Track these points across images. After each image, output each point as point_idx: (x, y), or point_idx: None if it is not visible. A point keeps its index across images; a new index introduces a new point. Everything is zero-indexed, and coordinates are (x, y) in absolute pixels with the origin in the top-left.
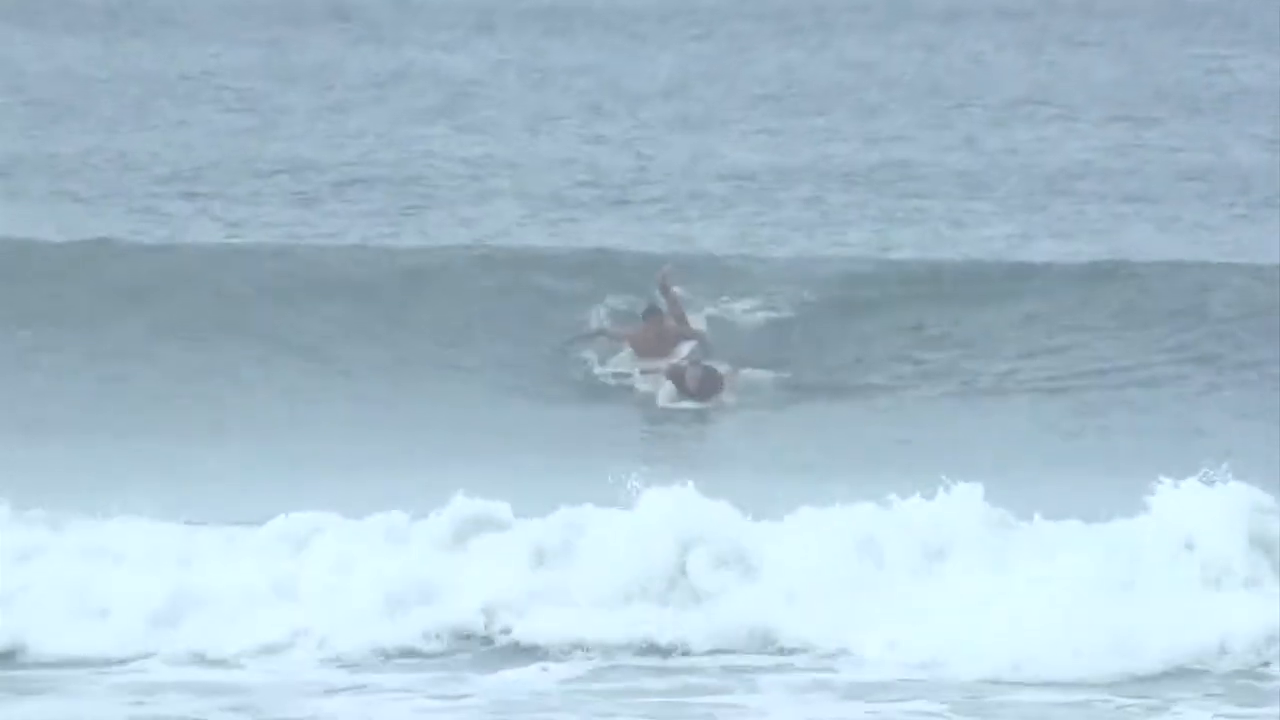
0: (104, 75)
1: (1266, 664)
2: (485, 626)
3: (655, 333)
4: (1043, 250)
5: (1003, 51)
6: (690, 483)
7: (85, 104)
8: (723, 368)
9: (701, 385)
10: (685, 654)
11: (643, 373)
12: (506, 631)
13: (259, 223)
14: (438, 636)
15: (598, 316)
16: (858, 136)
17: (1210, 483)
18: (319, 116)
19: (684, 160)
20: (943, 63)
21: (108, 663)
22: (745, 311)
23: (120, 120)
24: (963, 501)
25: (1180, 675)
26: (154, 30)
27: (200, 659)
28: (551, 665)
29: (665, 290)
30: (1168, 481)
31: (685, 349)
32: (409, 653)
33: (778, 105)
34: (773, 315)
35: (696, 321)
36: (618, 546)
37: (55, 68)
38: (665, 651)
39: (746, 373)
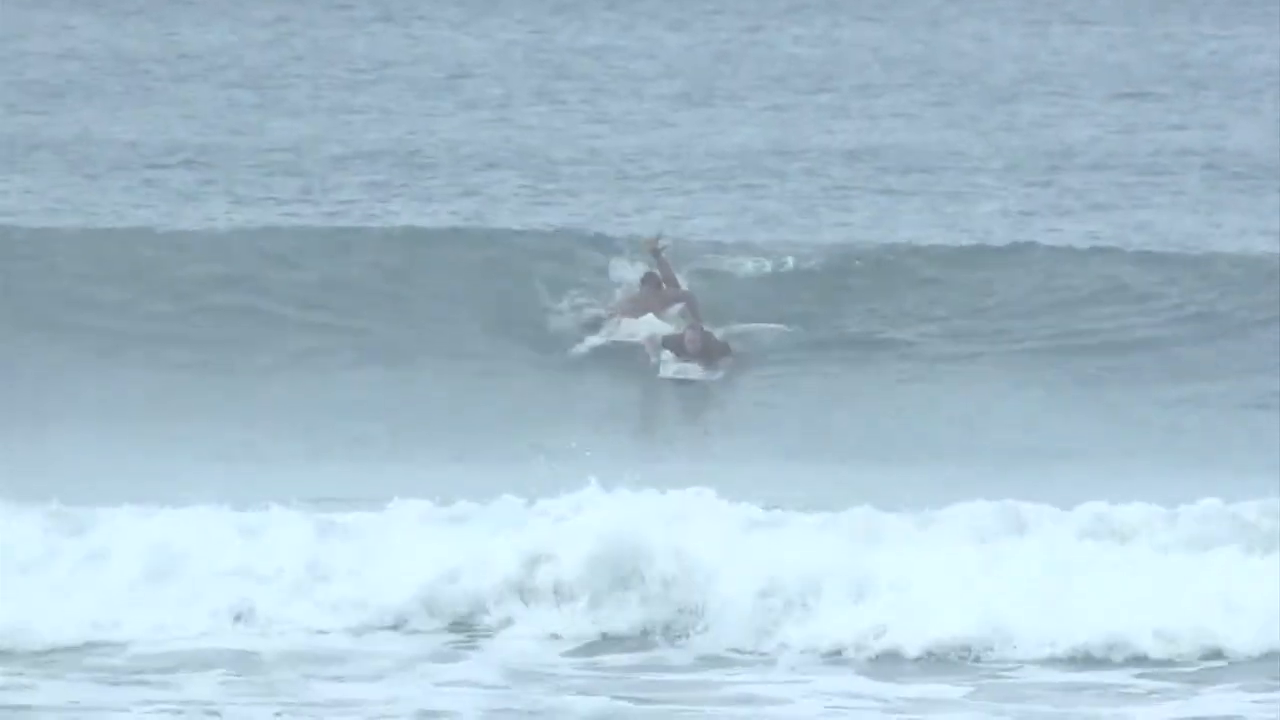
0: (105, 54)
1: None
2: (498, 611)
3: (648, 294)
4: (1046, 228)
5: (1007, 29)
6: (702, 468)
7: (88, 83)
8: (719, 332)
9: (703, 347)
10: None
11: (631, 333)
12: (516, 616)
13: (260, 203)
14: (454, 620)
15: (599, 305)
16: (861, 115)
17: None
18: (322, 96)
19: (687, 138)
20: (946, 42)
21: (125, 644)
22: (750, 266)
23: (123, 100)
24: (973, 485)
25: (1208, 657)
26: (159, 10)
27: (216, 642)
28: (566, 642)
29: (655, 253)
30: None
31: (674, 310)
32: (425, 633)
33: (781, 84)
34: (777, 270)
35: (682, 283)
36: (622, 530)
37: (58, 46)
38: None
39: (743, 329)
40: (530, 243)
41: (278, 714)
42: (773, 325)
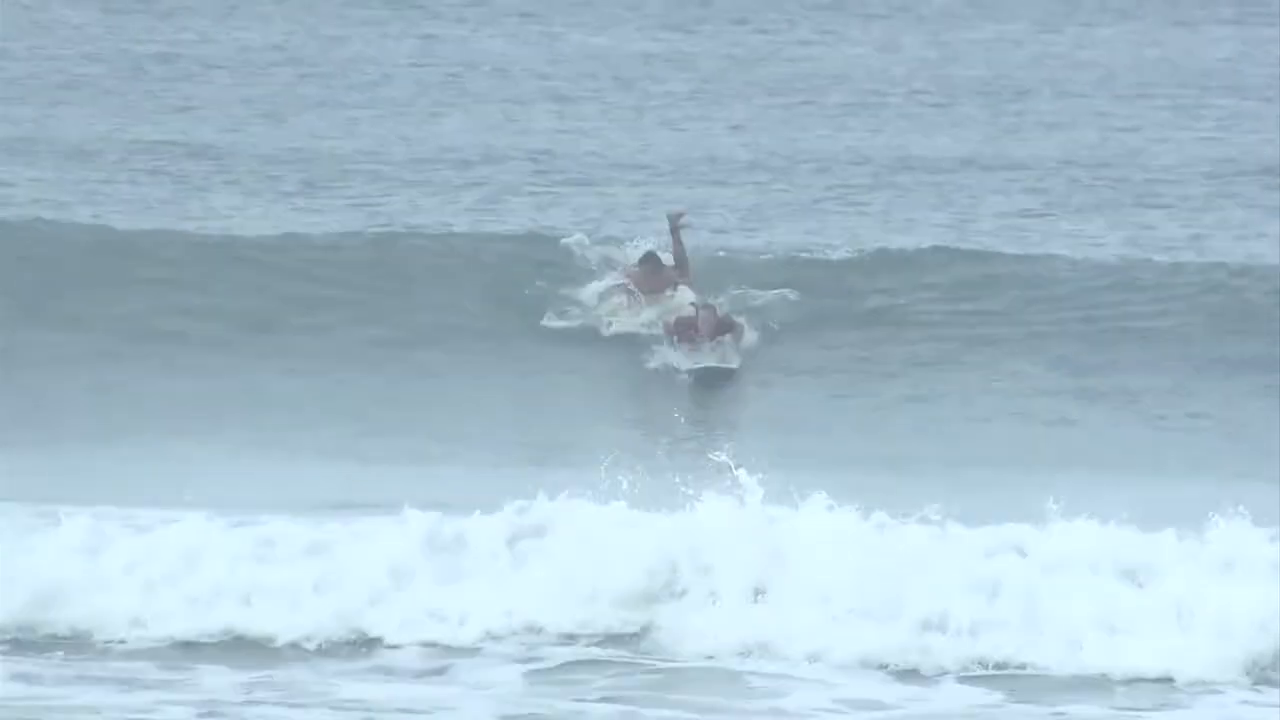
0: (111, 53)
1: None
2: (519, 615)
3: (648, 274)
4: (1060, 233)
5: (1022, 33)
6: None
7: (95, 83)
8: (721, 299)
9: (715, 327)
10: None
11: (635, 313)
12: (537, 620)
13: (263, 207)
14: (473, 623)
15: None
16: (873, 122)
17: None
18: (329, 97)
19: (694, 140)
20: (955, 45)
21: (145, 644)
22: (758, 263)
23: (131, 101)
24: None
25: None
26: (169, 7)
27: (235, 643)
28: (588, 648)
29: (674, 230)
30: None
31: (674, 295)
32: (442, 640)
33: (792, 90)
34: (787, 256)
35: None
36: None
37: (72, 45)
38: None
39: (745, 294)
40: (535, 241)
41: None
42: (776, 292)
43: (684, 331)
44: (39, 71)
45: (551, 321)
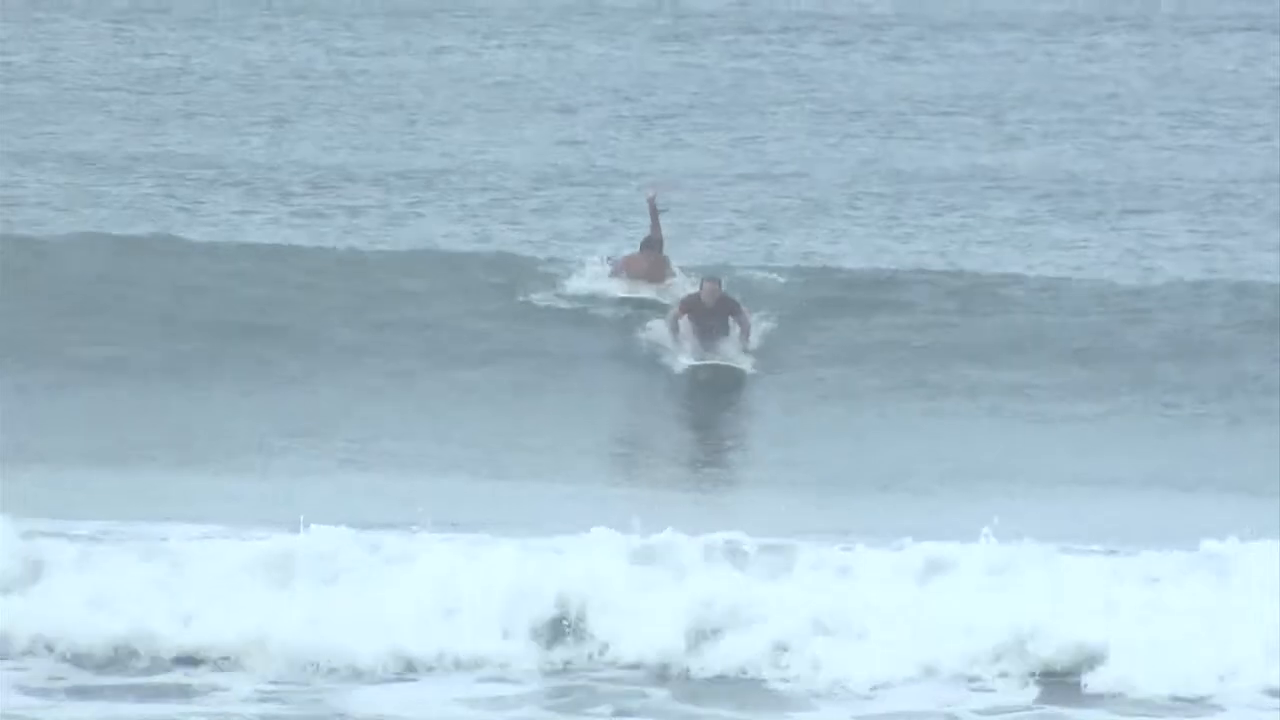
0: (124, 69)
1: None
2: (535, 629)
3: (649, 261)
4: (1065, 243)
5: (1029, 44)
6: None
7: (107, 98)
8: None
9: (720, 300)
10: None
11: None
12: (552, 634)
13: (268, 216)
14: (489, 637)
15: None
16: (880, 131)
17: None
18: (341, 114)
19: (702, 154)
20: (964, 59)
21: (160, 655)
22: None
23: (138, 111)
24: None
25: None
26: (181, 21)
27: (248, 653)
28: (598, 661)
29: (653, 211)
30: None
31: (675, 284)
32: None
33: (802, 110)
34: (791, 265)
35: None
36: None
37: (73, 59)
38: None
39: (745, 274)
40: (536, 247)
41: None
42: (773, 276)
43: (690, 308)
44: (47, 82)
45: (548, 301)
